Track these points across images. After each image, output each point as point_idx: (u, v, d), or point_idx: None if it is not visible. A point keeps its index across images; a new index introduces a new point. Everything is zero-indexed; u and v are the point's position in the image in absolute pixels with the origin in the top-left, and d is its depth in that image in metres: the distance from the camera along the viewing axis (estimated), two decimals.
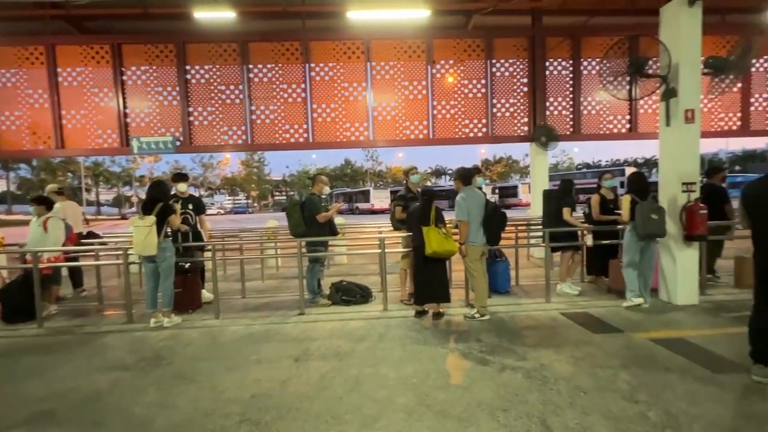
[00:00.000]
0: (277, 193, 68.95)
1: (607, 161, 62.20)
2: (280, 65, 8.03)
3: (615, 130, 8.52)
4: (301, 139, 8.15)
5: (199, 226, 5.34)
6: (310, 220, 4.98)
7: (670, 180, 4.62)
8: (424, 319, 4.39)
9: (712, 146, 55.00)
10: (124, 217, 42.70)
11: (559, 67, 8.39)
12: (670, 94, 4.50)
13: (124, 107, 7.95)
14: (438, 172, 65.88)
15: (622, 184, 16.37)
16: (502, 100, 8.33)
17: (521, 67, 8.32)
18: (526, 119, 8.36)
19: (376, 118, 8.17)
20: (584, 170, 47.94)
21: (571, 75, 8.39)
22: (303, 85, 8.06)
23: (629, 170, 28.23)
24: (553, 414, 2.44)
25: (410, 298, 4.88)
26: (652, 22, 4.88)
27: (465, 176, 4.50)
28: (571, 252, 5.40)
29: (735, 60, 4.80)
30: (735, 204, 4.23)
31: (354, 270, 7.68)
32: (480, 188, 4.71)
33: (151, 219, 4.20)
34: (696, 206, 4.39)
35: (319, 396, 2.76)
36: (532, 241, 6.89)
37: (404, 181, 5.31)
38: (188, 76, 7.99)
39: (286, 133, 8.13)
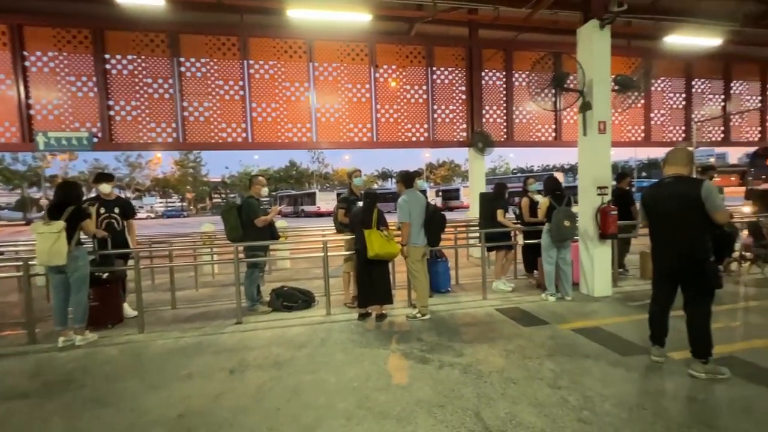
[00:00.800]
0: (216, 196, 64.94)
1: (539, 166, 67.53)
2: (215, 60, 7.58)
3: (543, 138, 9.28)
4: (240, 139, 7.76)
5: (127, 231, 4.83)
6: (248, 224, 4.76)
7: (587, 184, 5.12)
8: (367, 322, 4.39)
9: (625, 155, 62.26)
10: (29, 223, 37.35)
11: (494, 78, 8.94)
12: (586, 107, 5.00)
13: (27, 97, 6.97)
14: (384, 175, 66.65)
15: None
16: (443, 107, 8.67)
17: (460, 75, 8.73)
18: (464, 125, 8.77)
19: (319, 119, 8.05)
20: (519, 174, 51.58)
21: (504, 85, 8.99)
22: (241, 83, 7.69)
23: (557, 175, 30.99)
24: (486, 406, 2.56)
25: (354, 301, 4.86)
26: (572, 41, 5.39)
27: (407, 179, 4.60)
28: (504, 251, 5.76)
29: (638, 79, 5.47)
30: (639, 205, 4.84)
31: (297, 275, 7.48)
32: (424, 191, 4.84)
33: (60, 224, 3.71)
34: (608, 208, 4.91)
35: (255, 408, 2.63)
36: (471, 241, 7.23)
37: (348, 184, 5.29)
38: (108, 66, 7.23)
39: (223, 132, 7.69)
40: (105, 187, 4.75)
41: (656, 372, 2.98)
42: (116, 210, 4.72)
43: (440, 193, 39.11)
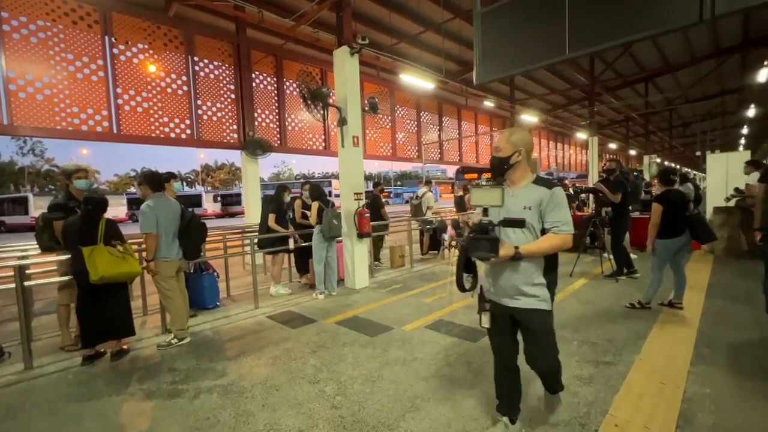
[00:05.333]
0: None
1: (320, 173, 72.80)
2: None
3: (314, 147, 9.90)
4: None
5: None
6: None
7: (346, 191, 5.77)
8: (97, 365, 3.38)
9: (385, 166, 75.53)
10: None
11: (265, 82, 8.85)
12: (342, 122, 5.62)
13: None
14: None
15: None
16: (209, 103, 7.85)
17: (228, 72, 8.15)
18: (235, 126, 8.26)
19: (14, 93, 5.68)
20: (302, 180, 53.99)
21: (276, 91, 9.03)
22: None
23: (335, 182, 34.23)
24: (245, 424, 2.41)
25: (77, 341, 3.65)
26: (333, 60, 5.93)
27: (154, 181, 3.84)
28: (281, 255, 5.74)
29: (378, 104, 6.62)
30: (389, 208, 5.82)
31: None
32: (199, 195, 4.16)
33: None
34: (363, 211, 5.69)
35: None
36: (247, 248, 6.85)
37: (66, 186, 3.91)
38: None
39: None
40: None
41: (396, 344, 3.61)
42: None
43: (219, 198, 35.83)
